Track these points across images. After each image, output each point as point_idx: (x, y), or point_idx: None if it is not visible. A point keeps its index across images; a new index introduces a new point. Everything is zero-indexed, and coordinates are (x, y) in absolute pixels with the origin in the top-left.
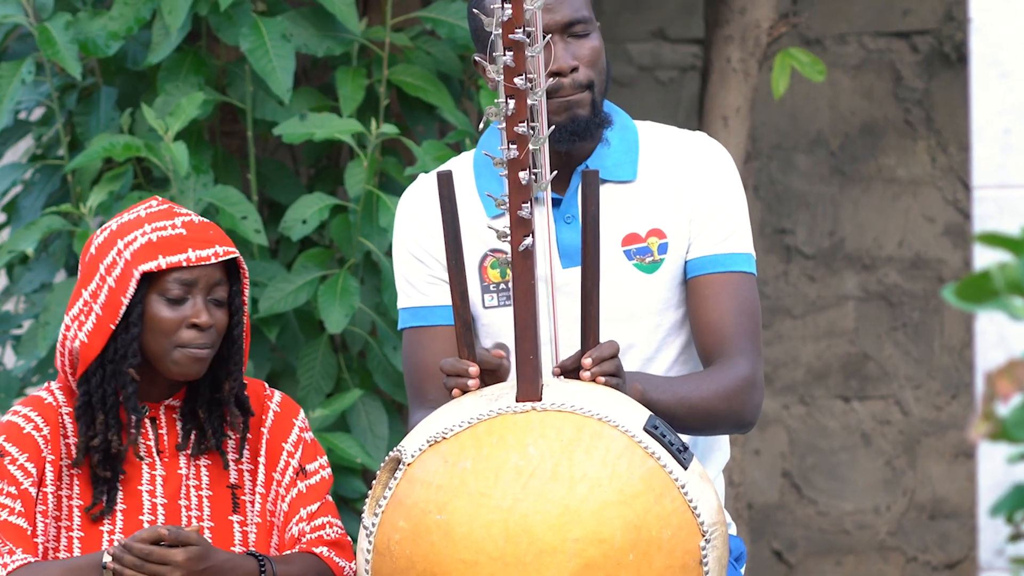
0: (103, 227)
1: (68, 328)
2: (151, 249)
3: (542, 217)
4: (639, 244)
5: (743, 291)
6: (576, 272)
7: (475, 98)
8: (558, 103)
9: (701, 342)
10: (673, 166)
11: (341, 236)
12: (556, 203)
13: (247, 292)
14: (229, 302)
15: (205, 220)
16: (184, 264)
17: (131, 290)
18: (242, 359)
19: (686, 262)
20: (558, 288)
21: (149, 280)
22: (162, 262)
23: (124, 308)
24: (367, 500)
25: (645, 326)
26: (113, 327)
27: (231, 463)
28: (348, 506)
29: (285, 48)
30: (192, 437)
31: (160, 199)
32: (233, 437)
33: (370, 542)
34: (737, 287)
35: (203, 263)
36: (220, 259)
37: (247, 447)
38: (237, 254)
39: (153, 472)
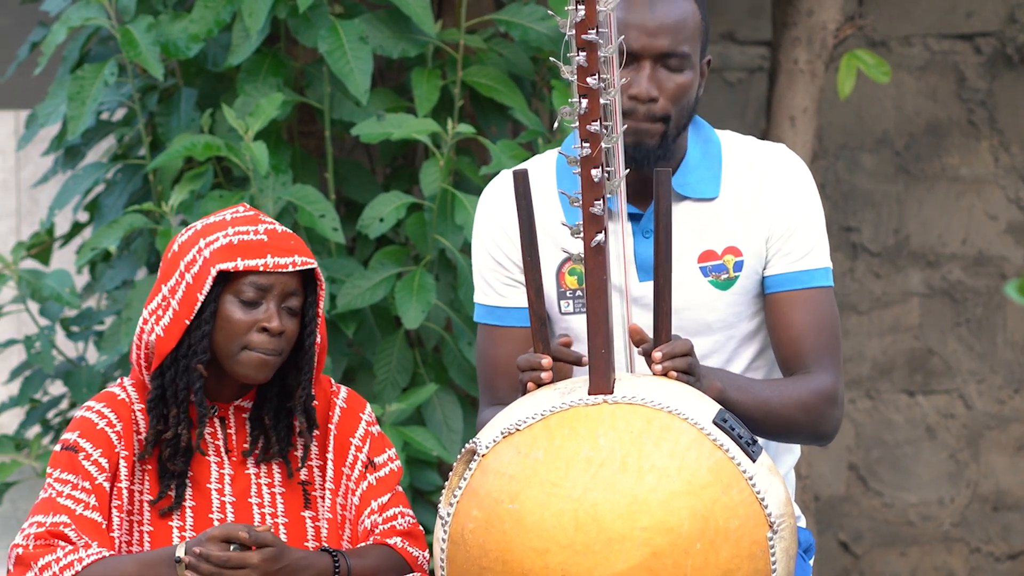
0: (189, 227)
1: (146, 321)
2: (231, 250)
3: (618, 228)
4: (715, 261)
5: (822, 306)
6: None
7: (546, 99)
8: (628, 125)
9: (781, 356)
10: (752, 182)
11: (417, 234)
12: (636, 218)
13: (323, 305)
14: (303, 312)
15: (288, 230)
16: (261, 269)
17: (207, 287)
18: (313, 370)
19: (764, 278)
20: (634, 300)
21: (226, 280)
22: (240, 264)
23: (199, 305)
24: (443, 491)
25: (718, 338)
26: (188, 323)
27: (295, 469)
28: (424, 498)
29: (362, 50)
30: (259, 443)
31: (247, 206)
32: (299, 447)
33: (445, 531)
34: (816, 303)
35: (280, 270)
36: (297, 268)
37: (315, 444)
38: (315, 265)
39: (221, 471)
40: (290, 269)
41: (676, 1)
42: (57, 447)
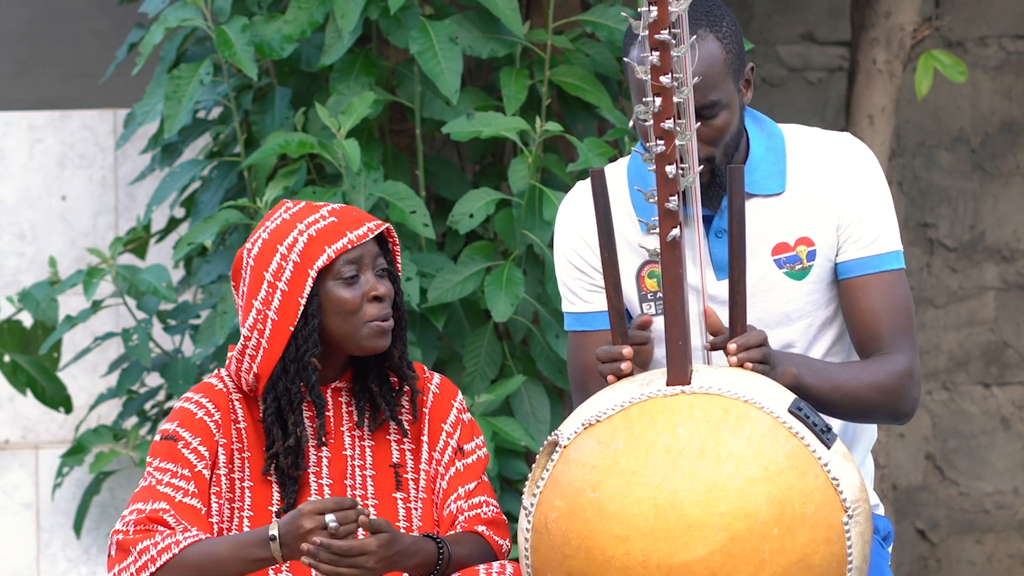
0: (251, 240)
1: (248, 339)
2: (315, 245)
3: (693, 230)
4: (788, 253)
5: (895, 288)
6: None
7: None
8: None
9: (857, 340)
10: (819, 172)
11: (505, 229)
12: (707, 219)
13: (399, 259)
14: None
15: (344, 204)
16: (349, 247)
17: (307, 289)
18: (407, 325)
19: (837, 264)
20: (712, 298)
21: (319, 271)
22: (330, 252)
23: (302, 308)
24: (527, 482)
25: (798, 327)
26: (292, 329)
27: (393, 443)
28: (512, 487)
29: (452, 50)
30: (367, 414)
31: (294, 201)
32: (407, 407)
33: (529, 521)
34: (888, 285)
35: (362, 241)
36: (374, 233)
37: (408, 427)
38: (387, 224)
39: (319, 454)
40: (369, 237)
41: (699, 48)
42: (157, 437)
